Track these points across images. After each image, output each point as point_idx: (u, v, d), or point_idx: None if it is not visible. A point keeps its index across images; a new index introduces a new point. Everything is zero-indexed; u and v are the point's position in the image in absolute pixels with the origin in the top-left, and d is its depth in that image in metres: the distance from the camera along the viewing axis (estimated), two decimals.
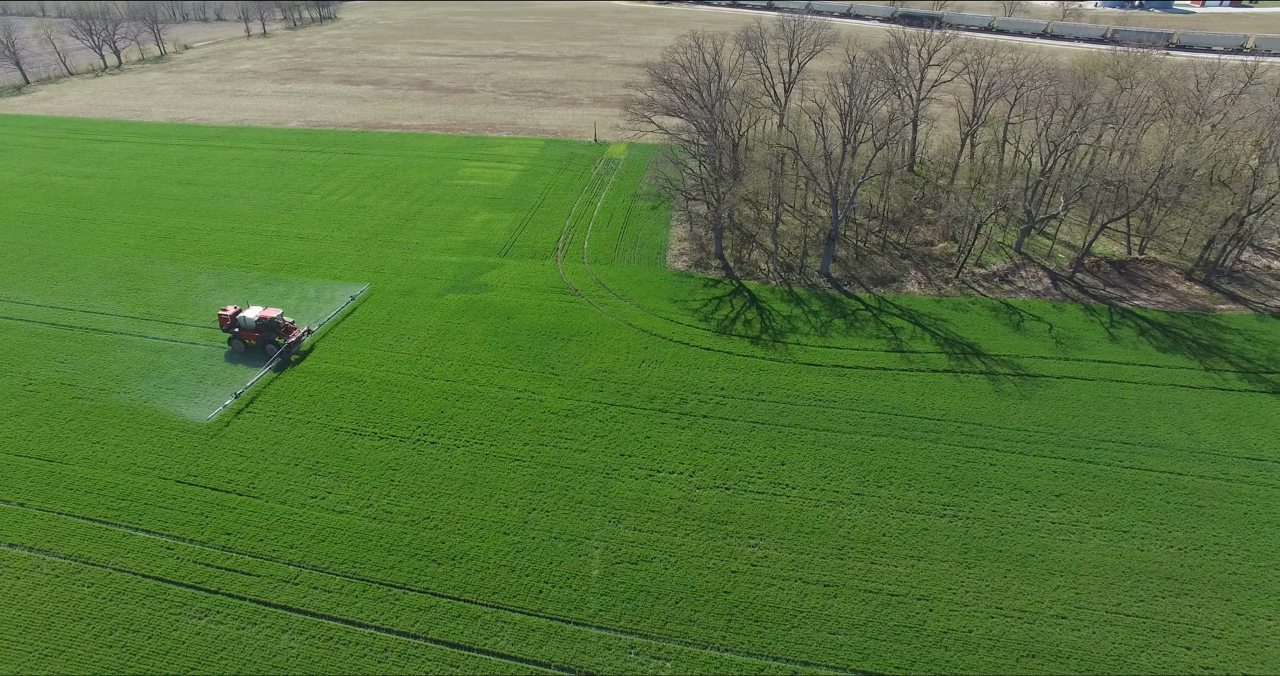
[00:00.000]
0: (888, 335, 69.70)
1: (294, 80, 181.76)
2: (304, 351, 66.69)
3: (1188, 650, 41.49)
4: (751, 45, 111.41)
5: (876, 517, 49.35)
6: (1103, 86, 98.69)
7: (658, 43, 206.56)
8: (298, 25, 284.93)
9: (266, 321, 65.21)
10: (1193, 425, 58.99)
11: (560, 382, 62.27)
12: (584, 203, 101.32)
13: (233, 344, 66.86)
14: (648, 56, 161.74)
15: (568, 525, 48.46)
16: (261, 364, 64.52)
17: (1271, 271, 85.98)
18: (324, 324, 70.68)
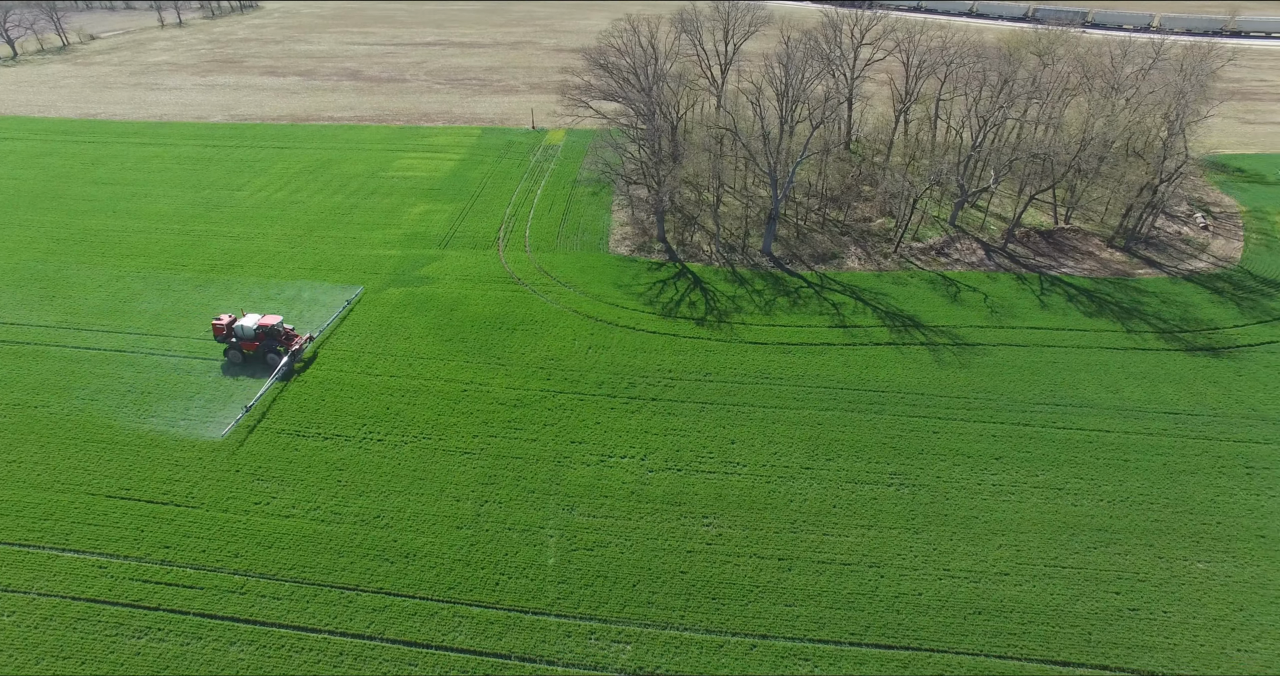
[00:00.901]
0: (830, 311, 71.01)
1: (216, 72, 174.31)
2: (307, 359, 63.69)
3: (1117, 595, 43.71)
4: (687, 27, 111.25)
5: (826, 490, 50.44)
6: (1026, 63, 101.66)
7: (593, 27, 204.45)
8: (216, 14, 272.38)
9: (266, 329, 61.77)
10: (1117, 384, 61.81)
11: (507, 373, 61.68)
12: (524, 191, 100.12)
13: (229, 355, 63.08)
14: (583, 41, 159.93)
15: (521, 515, 48.20)
16: (258, 373, 61.60)
17: (1182, 237, 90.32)
18: (324, 329, 67.74)
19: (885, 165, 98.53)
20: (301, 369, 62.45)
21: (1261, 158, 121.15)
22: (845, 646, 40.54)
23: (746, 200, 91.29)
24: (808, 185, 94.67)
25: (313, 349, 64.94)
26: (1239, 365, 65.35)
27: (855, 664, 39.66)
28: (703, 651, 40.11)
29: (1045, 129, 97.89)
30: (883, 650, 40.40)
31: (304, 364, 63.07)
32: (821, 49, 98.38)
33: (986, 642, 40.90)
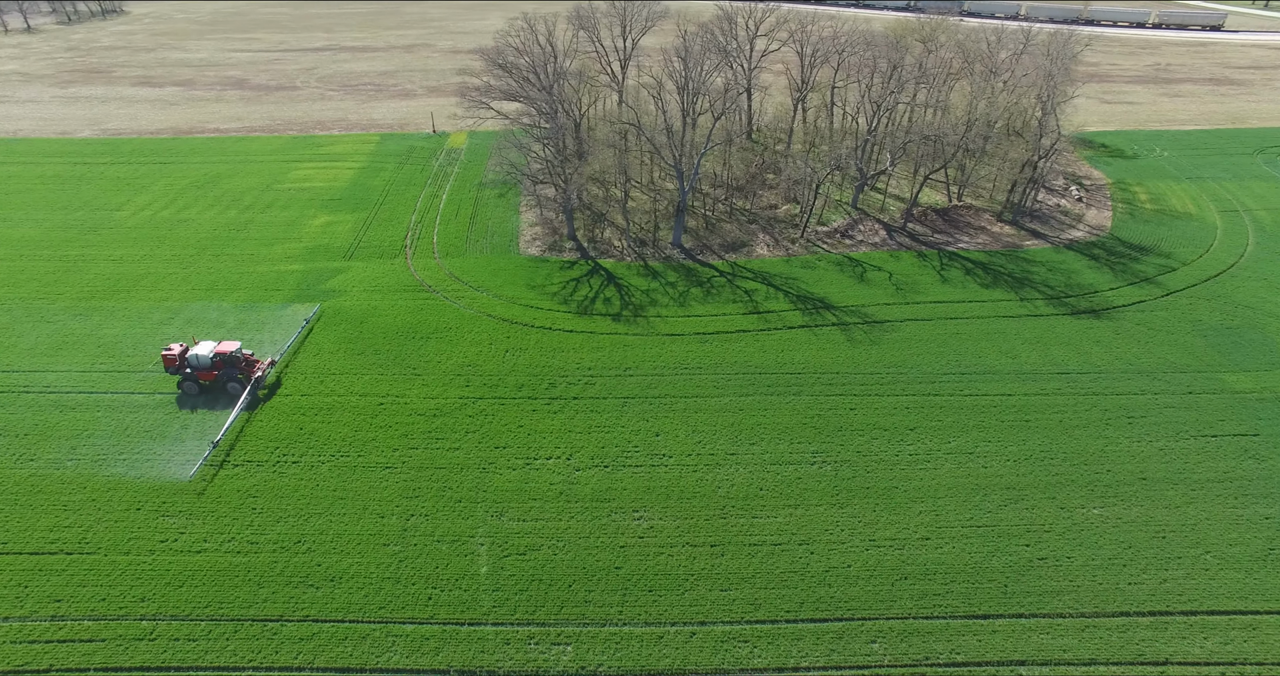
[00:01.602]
0: (743, 298, 72.40)
1: (79, 83, 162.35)
2: (271, 385, 59.86)
3: (1026, 547, 46.42)
4: (584, 24, 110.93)
5: (752, 474, 51.43)
6: (912, 50, 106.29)
7: (489, 27, 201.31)
8: (73, 19, 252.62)
9: (225, 357, 57.96)
10: (1015, 350, 65.54)
11: (424, 382, 60.13)
12: (429, 196, 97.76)
13: (184, 387, 58.59)
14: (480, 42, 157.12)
15: (449, 526, 47.12)
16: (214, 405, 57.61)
17: (1061, 209, 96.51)
18: (284, 352, 63.89)
19: (787, 153, 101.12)
20: (266, 396, 58.85)
21: (1120, 134, 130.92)
22: (782, 624, 41.46)
23: (654, 194, 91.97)
24: (713, 176, 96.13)
25: (275, 374, 61.40)
26: (1116, 324, 70.42)
27: (792, 640, 40.62)
28: (643, 644, 40.23)
29: (934, 112, 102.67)
30: (818, 624, 41.53)
31: (268, 390, 59.53)
32: (718, 41, 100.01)
33: (914, 605, 42.65)
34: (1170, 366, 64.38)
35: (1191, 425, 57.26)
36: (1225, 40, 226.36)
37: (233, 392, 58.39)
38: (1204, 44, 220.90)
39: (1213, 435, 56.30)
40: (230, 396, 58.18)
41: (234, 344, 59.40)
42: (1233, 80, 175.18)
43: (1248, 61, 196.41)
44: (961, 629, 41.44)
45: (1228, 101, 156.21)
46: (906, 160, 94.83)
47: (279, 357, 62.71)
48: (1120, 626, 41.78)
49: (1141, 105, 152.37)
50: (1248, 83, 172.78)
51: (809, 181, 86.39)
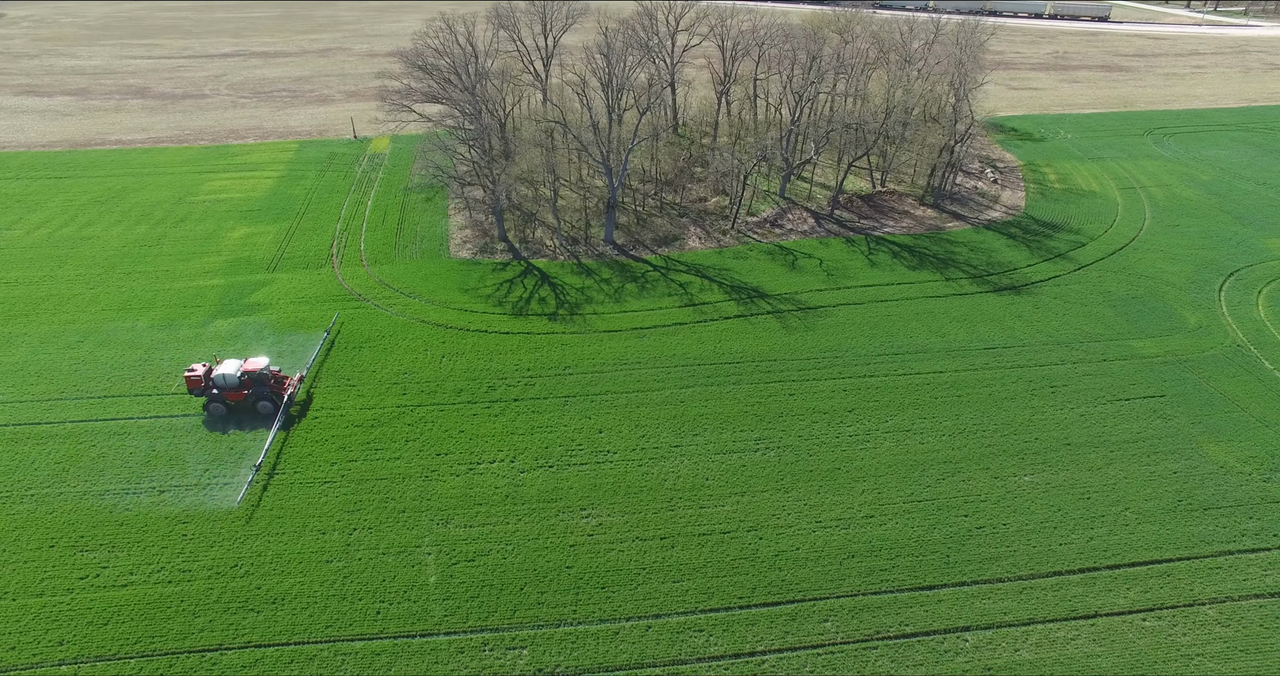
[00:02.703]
0: (678, 292, 72.87)
1: None
2: (302, 402, 57.00)
3: (965, 517, 48.12)
4: (504, 23, 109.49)
5: (697, 464, 51.77)
6: (830, 41, 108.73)
7: (406, 29, 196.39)
8: None
9: (254, 375, 54.86)
10: (943, 329, 67.86)
11: (359, 393, 58.40)
12: (354, 203, 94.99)
13: (210, 409, 55.31)
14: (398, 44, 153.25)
15: (395, 537, 45.89)
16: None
17: (978, 191, 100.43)
18: (309, 366, 61.09)
19: (714, 146, 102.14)
20: (299, 414, 56.23)
21: (1027, 118, 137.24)
22: (735, 610, 41.86)
23: (584, 191, 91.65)
24: (642, 171, 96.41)
25: (305, 389, 58.69)
26: (1036, 299, 73.72)
27: (747, 625, 41.06)
28: (599, 641, 40.04)
29: (854, 101, 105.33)
30: (770, 607, 42.09)
31: (300, 408, 56.82)
32: (640, 37, 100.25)
33: (862, 582, 43.67)
34: (1086, 336, 67.75)
35: (1107, 390, 60.40)
36: (1112, 30, 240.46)
37: (263, 412, 55.58)
38: (1094, 33, 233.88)
39: (1126, 399, 59.53)
40: (262, 417, 55.47)
41: (262, 360, 56.40)
42: (1121, 67, 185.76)
43: (1132, 50, 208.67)
44: (909, 601, 42.65)
45: (1118, 86, 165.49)
46: (830, 149, 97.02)
47: (305, 372, 60.17)
48: (1054, 585, 43.74)
49: (1045, 91, 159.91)
50: (1134, 69, 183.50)
51: (736, 173, 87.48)
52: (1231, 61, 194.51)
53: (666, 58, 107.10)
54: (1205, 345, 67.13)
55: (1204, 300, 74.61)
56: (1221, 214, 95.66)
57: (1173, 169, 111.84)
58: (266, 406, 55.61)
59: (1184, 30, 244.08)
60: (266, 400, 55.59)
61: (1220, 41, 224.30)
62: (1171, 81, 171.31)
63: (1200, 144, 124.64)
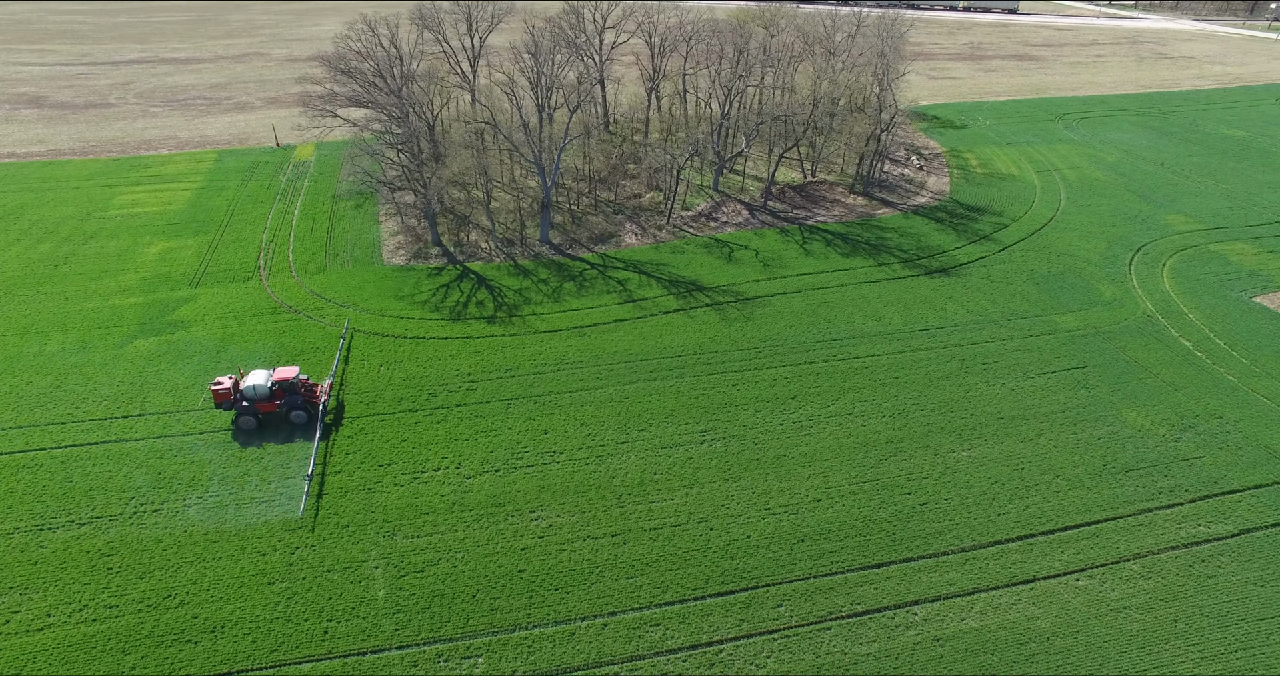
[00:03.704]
0: (617, 289, 72.79)
1: None
2: (335, 409, 55.73)
3: (908, 495, 49.42)
4: (428, 24, 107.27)
5: (644, 460, 51.78)
6: (756, 35, 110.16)
7: (326, 33, 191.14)
8: None
9: (285, 385, 53.35)
10: (879, 313, 69.53)
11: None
12: (280, 212, 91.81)
13: (240, 422, 53.20)
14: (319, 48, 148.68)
15: (339, 554, 44.53)
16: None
17: (905, 178, 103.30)
18: (334, 371, 59.51)
19: (645, 142, 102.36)
20: (334, 422, 54.56)
21: (948, 106, 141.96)
22: (690, 602, 42.02)
23: (517, 192, 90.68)
24: (575, 170, 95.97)
25: (335, 396, 57.01)
26: (964, 280, 76.24)
27: (703, 616, 41.27)
28: (555, 643, 39.67)
29: (782, 93, 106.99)
30: (725, 597, 42.41)
31: (333, 416, 55.16)
32: (567, 35, 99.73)
33: (813, 565, 44.39)
34: (1012, 314, 70.42)
35: (1035, 364, 62.91)
36: (1021, 22, 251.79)
37: (296, 421, 54.21)
38: (1005, 25, 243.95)
39: (1052, 371, 62.12)
40: (294, 426, 54.26)
41: (292, 369, 54.80)
42: (1031, 56, 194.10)
43: (1040, 40, 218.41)
44: (859, 580, 43.56)
45: (1030, 74, 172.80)
46: (760, 141, 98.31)
47: (332, 378, 58.39)
48: (994, 554, 45.32)
49: (963, 80, 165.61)
50: (1043, 58, 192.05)
51: (669, 168, 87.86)
52: (1127, 51, 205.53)
53: (595, 55, 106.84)
54: (1120, 317, 70.61)
55: (1117, 274, 78.46)
56: (1127, 193, 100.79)
57: (1082, 152, 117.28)
58: (300, 416, 54.25)
59: (1085, 22, 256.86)
60: (300, 409, 54.17)
61: (1116, 32, 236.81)
62: (1077, 70, 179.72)
63: (1105, 128, 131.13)
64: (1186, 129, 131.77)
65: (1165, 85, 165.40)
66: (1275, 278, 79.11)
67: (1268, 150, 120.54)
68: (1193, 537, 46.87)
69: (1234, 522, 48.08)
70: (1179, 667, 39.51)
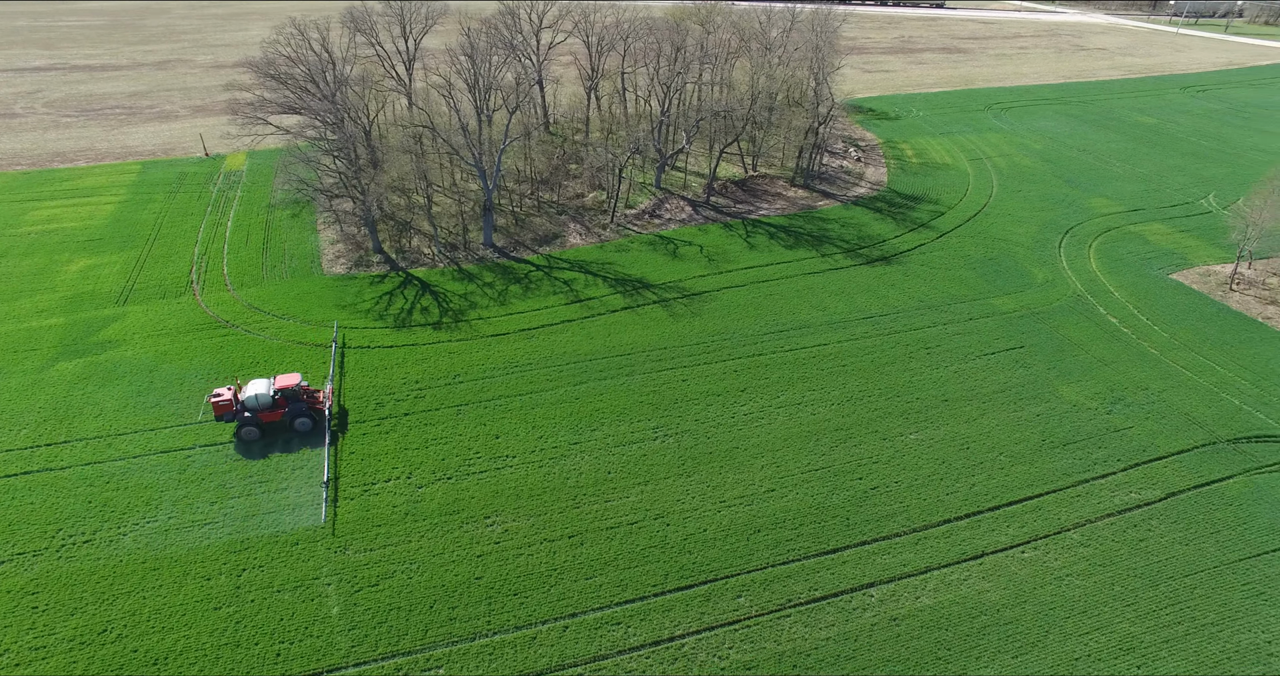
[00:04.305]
0: (563, 289, 72.45)
1: None
2: (338, 415, 55.14)
3: (859, 480, 50.42)
4: (360, 27, 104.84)
5: (598, 459, 51.65)
6: (692, 32, 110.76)
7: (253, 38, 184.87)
8: None
9: (288, 392, 52.39)
10: (823, 303, 70.72)
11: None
12: (211, 224, 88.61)
13: (243, 434, 52.02)
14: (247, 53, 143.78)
15: (289, 572, 43.22)
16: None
17: (844, 169, 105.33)
18: (331, 376, 58.63)
19: (587, 141, 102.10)
20: (337, 428, 53.89)
21: (882, 98, 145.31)
22: (650, 599, 42.09)
23: (459, 196, 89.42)
24: (516, 172, 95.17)
25: (336, 402, 56.36)
26: (905, 268, 78.13)
27: (663, 612, 41.38)
28: (517, 649, 39.27)
29: (720, 89, 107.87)
30: (685, 591, 42.60)
31: (337, 421, 54.40)
32: (504, 36, 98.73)
33: (771, 554, 44.92)
34: (952, 298, 72.47)
35: (975, 346, 64.85)
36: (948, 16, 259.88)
37: (301, 429, 53.21)
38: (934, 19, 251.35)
39: (991, 352, 64.14)
40: (298, 435, 53.33)
41: (294, 376, 53.77)
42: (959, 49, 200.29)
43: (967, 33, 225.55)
44: (816, 566, 44.25)
45: (959, 66, 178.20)
46: (701, 137, 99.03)
47: (331, 384, 57.46)
48: (945, 532, 46.58)
49: (895, 72, 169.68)
50: (970, 51, 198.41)
51: (611, 167, 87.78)
52: (1047, 43, 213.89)
53: (532, 56, 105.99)
54: (1052, 297, 73.34)
55: (1047, 257, 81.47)
56: (1054, 179, 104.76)
57: (1011, 140, 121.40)
58: (305, 423, 53.20)
59: (1008, 15, 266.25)
60: (305, 417, 53.15)
61: (1037, 26, 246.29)
62: (1002, 61, 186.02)
63: (1031, 116, 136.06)
64: (1104, 116, 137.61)
65: (1083, 75, 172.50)
66: (1188, 255, 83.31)
67: (1176, 136, 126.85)
68: (1125, 504, 49.02)
69: (1161, 487, 50.50)
70: (1117, 627, 41.31)
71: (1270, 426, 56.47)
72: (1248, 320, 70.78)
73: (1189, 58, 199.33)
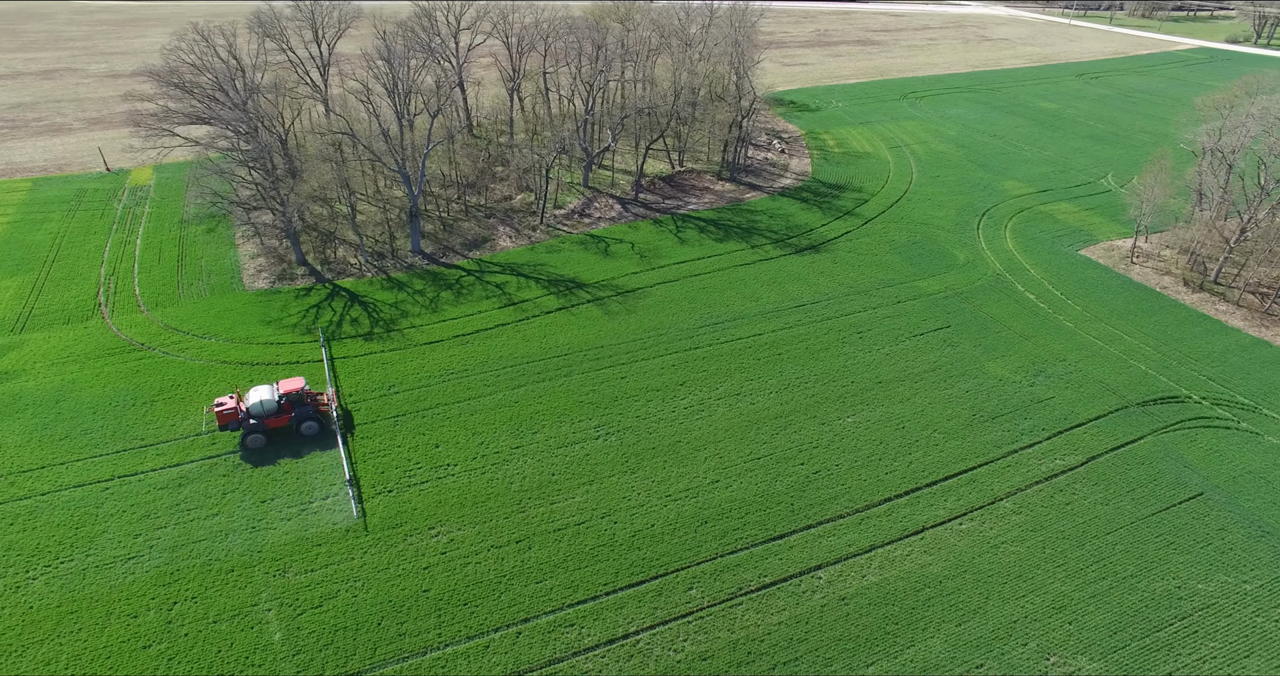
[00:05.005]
0: (496, 293, 71.52)
1: None
2: (343, 416, 54.49)
3: (801, 465, 51.37)
4: (268, 32, 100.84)
5: (541, 462, 51.19)
6: (613, 30, 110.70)
7: (151, 45, 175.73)
8: None
9: (293, 397, 51.92)
10: (756, 294, 71.76)
11: (160, 451, 51.84)
12: (119, 243, 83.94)
13: (249, 441, 51.42)
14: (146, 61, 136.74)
15: (225, 601, 41.39)
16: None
17: (769, 161, 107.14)
18: (329, 377, 58.95)
19: (512, 143, 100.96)
20: (346, 428, 53.70)
21: (802, 91, 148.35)
22: (602, 598, 41.98)
23: (383, 203, 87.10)
24: (441, 176, 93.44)
25: (340, 404, 56.19)
26: (833, 255, 79.96)
27: (616, 610, 41.32)
28: (470, 659, 38.60)
29: (643, 86, 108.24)
30: (636, 587, 42.66)
31: (343, 422, 54.07)
32: (421, 39, 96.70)
33: (719, 544, 45.35)
34: (880, 283, 74.55)
35: (904, 328, 66.89)
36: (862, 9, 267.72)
37: (308, 433, 52.73)
38: (848, 13, 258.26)
39: (920, 333, 66.27)
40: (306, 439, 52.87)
41: (298, 381, 53.28)
42: (873, 41, 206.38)
43: (880, 26, 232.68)
44: (764, 553, 44.89)
45: (873, 58, 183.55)
46: (626, 135, 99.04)
47: (333, 386, 57.77)
48: (886, 511, 47.91)
49: (813, 65, 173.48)
50: (883, 43, 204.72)
51: (538, 168, 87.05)
52: (954, 34, 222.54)
53: (452, 58, 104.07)
54: (974, 277, 76.25)
55: (967, 239, 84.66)
56: (969, 163, 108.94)
57: (927, 127, 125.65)
58: (313, 427, 52.72)
59: (917, 8, 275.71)
60: (312, 420, 52.61)
61: (944, 18, 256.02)
62: (914, 52, 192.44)
63: (943, 104, 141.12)
64: (1010, 103, 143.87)
65: (989, 64, 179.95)
66: (1094, 232, 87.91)
67: (1076, 120, 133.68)
68: (1051, 471, 51.41)
69: (1082, 452, 53.18)
70: (1050, 588, 43.33)
71: (1173, 388, 60.13)
72: (1148, 290, 75.15)
73: (1081, 47, 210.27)
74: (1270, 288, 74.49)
